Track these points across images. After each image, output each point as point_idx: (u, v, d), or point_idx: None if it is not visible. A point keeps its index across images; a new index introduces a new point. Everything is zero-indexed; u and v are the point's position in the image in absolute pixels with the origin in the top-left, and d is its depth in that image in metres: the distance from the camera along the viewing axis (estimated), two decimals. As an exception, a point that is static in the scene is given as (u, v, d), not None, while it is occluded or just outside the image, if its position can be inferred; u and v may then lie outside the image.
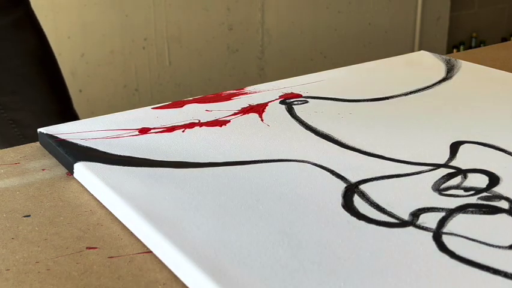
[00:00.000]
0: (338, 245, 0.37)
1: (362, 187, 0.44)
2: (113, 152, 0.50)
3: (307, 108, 0.59)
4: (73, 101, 1.02)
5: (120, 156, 0.49)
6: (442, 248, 0.37)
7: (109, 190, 0.44)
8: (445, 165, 0.47)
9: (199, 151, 0.50)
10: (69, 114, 0.97)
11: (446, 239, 0.38)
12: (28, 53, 0.93)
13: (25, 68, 0.92)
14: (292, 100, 0.62)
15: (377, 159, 0.49)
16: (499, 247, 0.37)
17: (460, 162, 0.48)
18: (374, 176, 0.46)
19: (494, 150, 0.50)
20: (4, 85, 0.91)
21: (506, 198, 0.42)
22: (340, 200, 0.43)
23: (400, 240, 0.38)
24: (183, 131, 0.54)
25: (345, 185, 0.45)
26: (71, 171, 0.49)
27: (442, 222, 0.40)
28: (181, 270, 0.36)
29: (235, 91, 0.64)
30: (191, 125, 0.56)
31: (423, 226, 0.39)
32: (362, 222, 0.40)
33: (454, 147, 0.50)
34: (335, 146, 0.51)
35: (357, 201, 0.42)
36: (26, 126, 0.93)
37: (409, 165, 0.48)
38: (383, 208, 0.41)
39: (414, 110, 0.59)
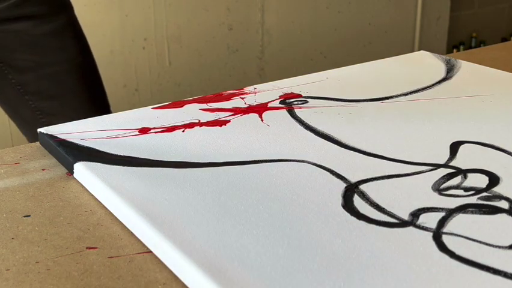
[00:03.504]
0: (338, 245, 0.37)
1: (362, 187, 0.44)
2: (113, 152, 0.50)
3: (307, 108, 0.59)
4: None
5: (120, 156, 0.49)
6: (442, 248, 0.37)
7: (109, 190, 0.44)
8: (445, 165, 0.47)
9: (199, 151, 0.50)
10: None
11: (446, 239, 0.38)
12: (68, 61, 0.96)
13: (64, 75, 0.96)
14: (292, 100, 0.62)
15: (377, 159, 0.49)
16: (499, 247, 0.37)
17: (460, 162, 0.48)
18: (374, 176, 0.46)
19: (494, 150, 0.50)
20: (43, 90, 0.95)
21: (506, 198, 0.42)
22: (340, 200, 0.43)
23: (400, 240, 0.38)
24: (183, 131, 0.54)
25: (345, 185, 0.45)
26: (71, 171, 0.49)
27: (442, 222, 0.40)
28: (181, 270, 0.36)
29: (235, 91, 0.64)
30: (191, 125, 0.56)
31: (423, 226, 0.39)
32: (362, 222, 0.40)
33: (454, 147, 0.50)
34: (335, 146, 0.51)
35: (357, 201, 0.42)
36: None
37: (409, 165, 0.48)
38: (383, 208, 0.41)
39: (414, 109, 0.59)
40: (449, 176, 0.46)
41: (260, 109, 0.59)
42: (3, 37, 0.91)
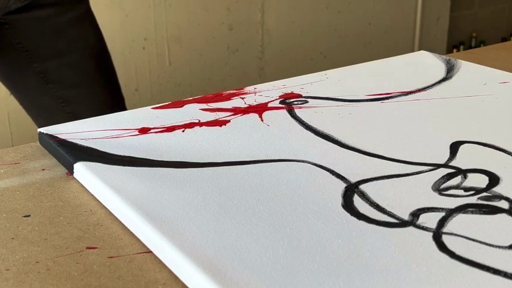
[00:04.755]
0: (338, 245, 0.37)
1: (362, 187, 0.44)
2: (113, 152, 0.50)
3: (307, 108, 0.59)
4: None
5: (120, 156, 0.49)
6: (442, 248, 0.37)
7: (109, 190, 0.44)
8: (445, 165, 0.47)
9: (199, 151, 0.50)
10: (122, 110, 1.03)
11: (446, 239, 0.38)
12: (87, 48, 0.99)
13: (85, 62, 0.99)
14: (292, 100, 0.62)
15: (377, 159, 0.49)
16: (499, 247, 0.37)
17: (460, 162, 0.48)
18: (374, 176, 0.46)
19: (494, 150, 0.50)
20: (66, 79, 0.98)
21: (506, 198, 0.42)
22: (340, 200, 0.43)
23: (400, 240, 0.38)
24: (183, 131, 0.54)
25: (345, 185, 0.45)
26: (71, 171, 0.49)
27: (442, 222, 0.40)
28: (181, 270, 0.36)
29: (235, 91, 0.64)
30: (191, 125, 0.56)
31: (423, 226, 0.39)
32: (362, 222, 0.40)
33: (454, 147, 0.50)
34: (335, 146, 0.51)
35: (357, 201, 0.42)
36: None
37: (409, 165, 0.48)
38: (383, 208, 0.41)
39: (414, 110, 0.59)
40: (449, 176, 0.46)
41: (260, 109, 0.59)
42: (28, 24, 0.93)
